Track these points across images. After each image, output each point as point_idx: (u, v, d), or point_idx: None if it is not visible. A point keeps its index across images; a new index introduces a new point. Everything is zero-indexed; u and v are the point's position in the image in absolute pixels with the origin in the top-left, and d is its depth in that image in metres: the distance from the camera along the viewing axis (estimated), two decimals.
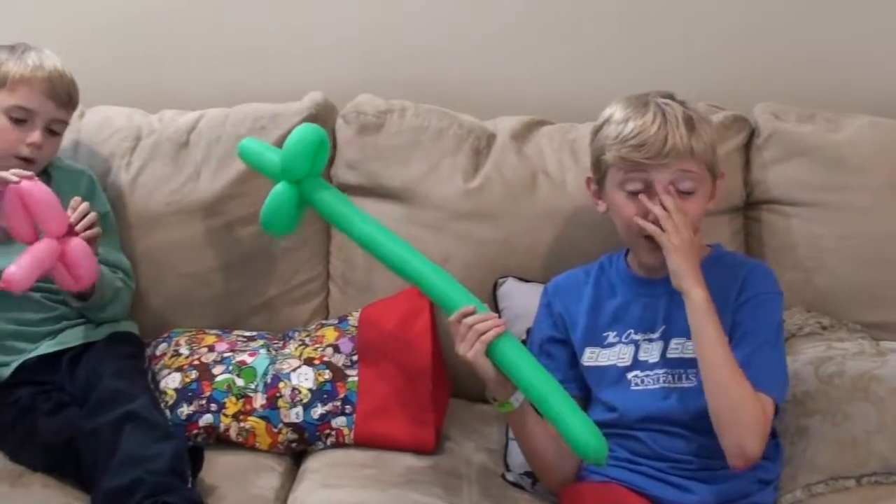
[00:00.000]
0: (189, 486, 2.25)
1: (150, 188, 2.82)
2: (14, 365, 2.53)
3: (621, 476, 2.21)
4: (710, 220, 2.65)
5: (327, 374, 2.55)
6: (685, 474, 2.18)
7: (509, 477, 2.43)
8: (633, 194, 2.20)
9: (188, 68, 3.10)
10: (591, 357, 2.30)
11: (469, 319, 2.15)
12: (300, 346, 2.64)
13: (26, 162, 2.54)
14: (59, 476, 2.35)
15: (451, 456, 2.51)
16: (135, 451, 2.22)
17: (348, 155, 2.82)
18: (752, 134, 2.77)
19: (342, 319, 2.71)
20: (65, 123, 2.64)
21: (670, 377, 2.21)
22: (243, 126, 2.84)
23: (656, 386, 2.22)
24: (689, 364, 2.18)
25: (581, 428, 2.05)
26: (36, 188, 2.33)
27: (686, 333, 2.18)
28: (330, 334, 2.65)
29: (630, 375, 2.24)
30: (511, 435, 2.42)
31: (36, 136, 2.55)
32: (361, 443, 2.50)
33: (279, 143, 2.77)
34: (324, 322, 2.76)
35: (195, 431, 2.51)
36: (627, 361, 2.25)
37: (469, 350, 2.14)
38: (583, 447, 2.05)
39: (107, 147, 2.85)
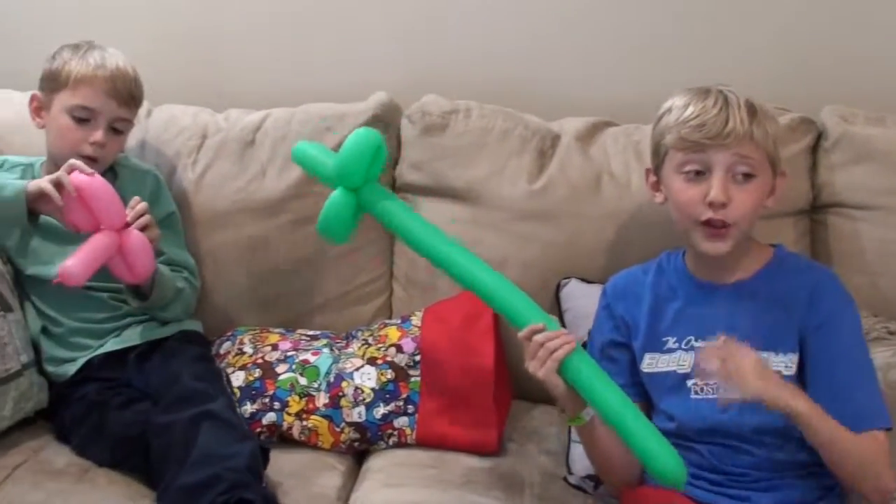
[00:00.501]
0: (263, 485, 2.26)
1: (216, 187, 2.83)
2: (81, 361, 2.55)
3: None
4: (776, 222, 2.66)
5: (390, 374, 2.55)
6: (745, 486, 2.14)
7: (571, 480, 2.42)
8: (691, 178, 2.16)
9: (254, 68, 3.13)
10: (651, 363, 2.26)
11: (539, 337, 2.12)
12: (363, 345, 2.65)
13: (90, 160, 2.56)
14: (126, 471, 2.36)
15: (513, 458, 2.51)
16: (213, 449, 2.22)
17: (413, 155, 2.83)
18: (820, 136, 2.74)
19: (405, 319, 2.72)
20: (128, 122, 2.65)
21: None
22: (308, 125, 2.86)
23: (716, 396, 2.15)
24: None
25: (660, 452, 2.01)
26: (93, 183, 2.35)
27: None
28: (393, 334, 2.65)
29: (690, 383, 2.20)
30: (574, 437, 2.41)
31: (98, 135, 2.57)
32: (423, 443, 2.51)
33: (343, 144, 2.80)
34: (387, 321, 2.77)
35: (258, 430, 2.52)
36: (687, 368, 2.20)
37: (540, 368, 2.10)
38: (662, 472, 2.00)
39: (173, 146, 2.87)
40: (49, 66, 2.61)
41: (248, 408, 2.53)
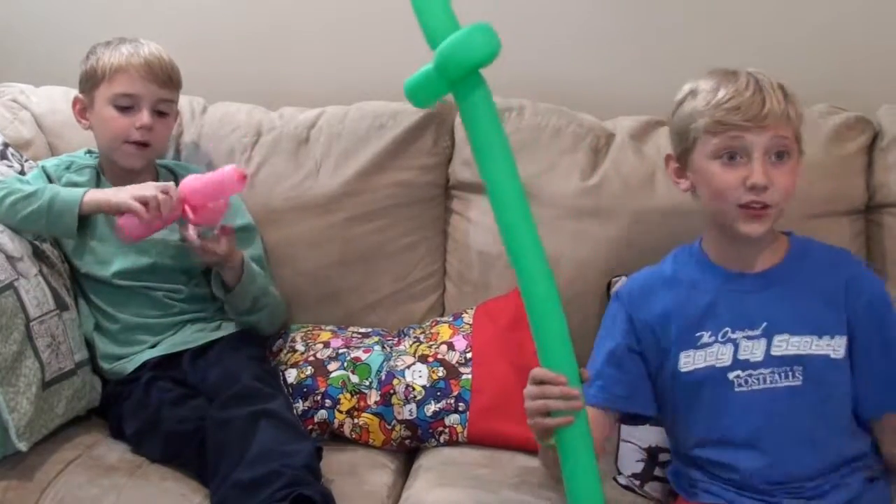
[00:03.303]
0: (321, 482, 2.26)
1: (270, 184, 2.85)
2: (137, 360, 2.57)
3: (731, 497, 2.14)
4: (830, 221, 2.66)
5: (441, 372, 2.55)
6: (795, 496, 2.11)
7: (620, 480, 2.41)
8: (727, 162, 2.10)
9: (308, 66, 3.13)
10: (688, 362, 2.18)
11: (556, 390, 1.93)
12: (415, 343, 2.66)
13: (141, 146, 2.60)
14: (178, 466, 2.38)
15: None
16: (271, 446, 2.23)
17: (466, 152, 2.82)
18: (876, 136, 2.71)
19: (457, 317, 2.72)
20: (171, 103, 2.69)
21: (777, 375, 2.11)
22: (362, 123, 2.87)
23: (762, 386, 2.11)
24: (795, 361, 2.10)
25: None
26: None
27: (789, 329, 2.11)
28: (445, 332, 2.66)
29: (731, 376, 2.13)
30: (623, 437, 2.40)
31: (144, 117, 2.60)
32: (475, 441, 2.50)
33: (397, 141, 2.80)
34: (439, 319, 2.77)
35: (310, 427, 2.53)
36: (727, 361, 2.14)
37: (533, 419, 1.98)
38: None
39: (227, 143, 2.89)
40: (84, 67, 2.66)
41: (300, 405, 2.54)
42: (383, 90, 2.93)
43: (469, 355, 2.58)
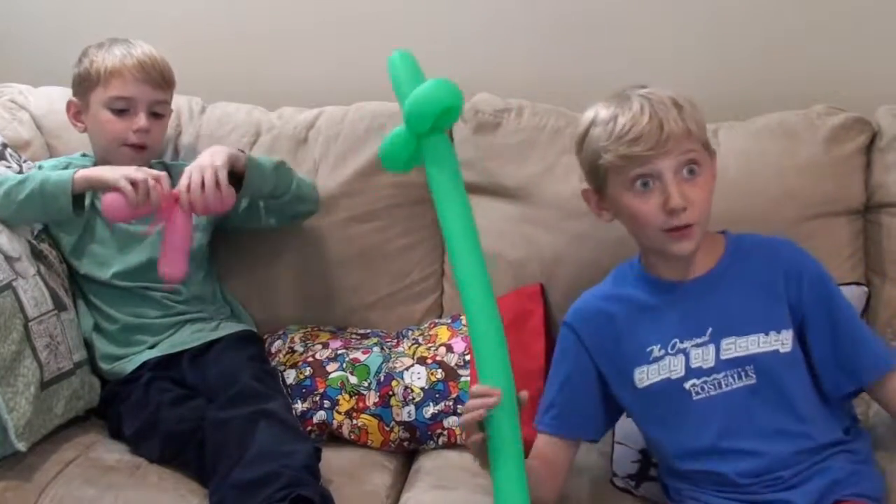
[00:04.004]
0: (320, 483, 2.26)
1: None
2: (136, 361, 2.58)
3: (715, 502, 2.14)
4: (829, 222, 2.66)
5: (440, 374, 2.56)
6: (779, 489, 2.10)
7: (617, 482, 2.41)
8: (642, 190, 2.10)
9: (307, 66, 3.13)
10: (642, 378, 2.17)
11: (478, 402, 1.96)
12: (413, 344, 2.66)
13: (138, 149, 2.60)
14: (177, 466, 2.38)
15: None
16: (271, 447, 2.23)
17: (465, 153, 2.81)
18: (874, 136, 2.70)
19: (455, 319, 2.72)
20: (166, 104, 2.69)
21: (731, 378, 2.11)
22: (361, 124, 2.87)
23: (718, 392, 2.12)
24: (746, 361, 2.11)
25: None
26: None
27: (735, 331, 2.11)
28: (443, 333, 2.66)
29: (688, 385, 2.14)
30: (617, 439, 2.41)
31: (141, 120, 2.61)
32: None
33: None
34: (437, 321, 2.77)
35: (309, 428, 2.53)
36: (681, 372, 2.14)
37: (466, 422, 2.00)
38: None
39: (226, 143, 2.85)
40: (78, 69, 2.66)
41: (299, 406, 2.54)
42: (382, 91, 2.90)
43: (468, 357, 2.58)
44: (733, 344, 2.12)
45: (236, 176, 2.52)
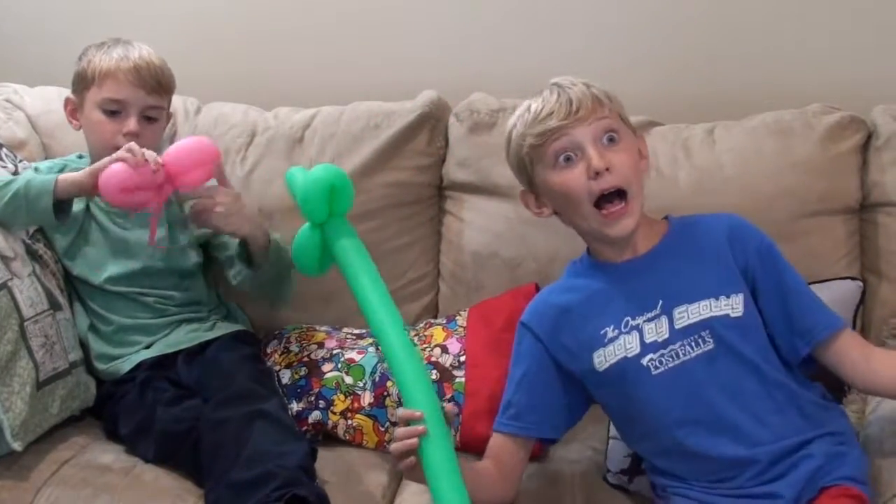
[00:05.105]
0: (316, 483, 2.26)
1: (264, 184, 2.85)
2: (132, 361, 2.58)
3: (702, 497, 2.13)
4: (824, 220, 2.67)
5: (435, 375, 2.55)
6: (761, 479, 2.09)
7: (610, 478, 2.40)
8: (565, 165, 2.13)
9: (303, 66, 3.14)
10: (601, 361, 2.17)
11: (405, 431, 2.01)
12: None
13: None
14: (173, 466, 2.38)
15: (557, 459, 2.48)
16: (266, 447, 2.23)
17: (460, 153, 2.83)
18: (870, 136, 2.70)
19: (450, 319, 2.72)
20: (160, 109, 2.67)
21: (688, 346, 2.12)
22: (357, 124, 2.87)
23: (677, 362, 2.12)
24: (701, 327, 2.11)
25: None
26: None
27: (686, 299, 2.13)
28: (438, 334, 2.66)
29: (645, 361, 2.14)
30: (612, 434, 2.40)
31: (131, 124, 2.59)
32: (467, 444, 2.49)
33: (391, 142, 2.80)
34: (432, 321, 2.77)
35: (304, 428, 2.53)
36: (636, 349, 2.14)
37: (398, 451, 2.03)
38: None
39: (222, 143, 2.87)
40: (76, 68, 2.66)
41: (294, 406, 2.54)
42: (378, 91, 2.94)
43: (462, 358, 2.58)
44: (685, 312, 2.13)
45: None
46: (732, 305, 2.13)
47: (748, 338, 2.12)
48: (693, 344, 2.12)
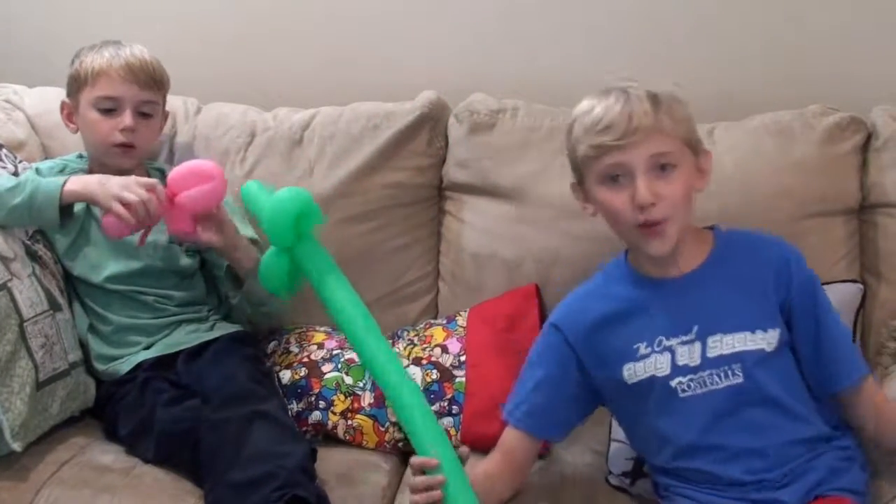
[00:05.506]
0: (316, 484, 2.26)
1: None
2: (132, 361, 2.58)
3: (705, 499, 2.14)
4: (824, 221, 2.67)
5: (435, 374, 2.55)
6: (765, 487, 2.10)
7: (612, 480, 2.40)
8: (614, 185, 2.09)
9: (302, 67, 3.14)
10: (630, 374, 2.16)
11: (424, 480, 2.04)
12: (409, 345, 2.65)
13: (126, 148, 2.60)
14: (172, 467, 2.37)
15: (559, 460, 2.48)
16: (266, 447, 2.23)
17: (459, 154, 2.83)
18: (870, 136, 2.70)
19: (450, 319, 2.72)
20: (155, 104, 2.68)
21: (717, 377, 2.10)
22: (356, 125, 2.87)
23: (704, 390, 2.11)
24: (732, 360, 2.09)
25: None
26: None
27: (721, 328, 2.11)
28: (438, 334, 2.66)
29: (674, 383, 2.13)
30: (613, 436, 2.41)
31: (127, 119, 2.60)
32: (467, 444, 2.47)
33: (391, 142, 2.80)
34: (432, 321, 2.77)
35: (304, 428, 2.53)
36: (666, 370, 2.13)
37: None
38: None
39: (221, 143, 2.89)
40: (70, 71, 2.67)
41: (294, 406, 2.54)
42: (378, 91, 2.94)
43: (462, 358, 2.58)
44: (719, 342, 2.11)
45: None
46: (769, 341, 2.11)
47: (778, 373, 2.11)
48: (722, 375, 2.10)
